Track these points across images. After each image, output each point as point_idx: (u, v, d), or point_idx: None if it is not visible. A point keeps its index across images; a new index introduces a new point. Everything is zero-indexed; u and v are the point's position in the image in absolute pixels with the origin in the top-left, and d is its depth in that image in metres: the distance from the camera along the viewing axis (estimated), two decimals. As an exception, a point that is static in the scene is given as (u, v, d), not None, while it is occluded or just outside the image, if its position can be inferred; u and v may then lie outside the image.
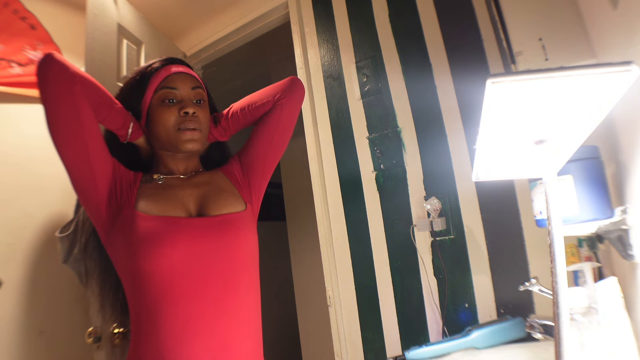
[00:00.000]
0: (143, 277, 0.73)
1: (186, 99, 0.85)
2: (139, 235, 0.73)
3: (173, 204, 0.80)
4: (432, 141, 1.41)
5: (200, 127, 0.84)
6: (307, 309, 2.64)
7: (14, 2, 1.64)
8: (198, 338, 0.72)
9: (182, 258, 0.74)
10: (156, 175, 0.85)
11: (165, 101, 0.84)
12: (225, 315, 0.75)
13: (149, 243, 0.73)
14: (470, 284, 1.29)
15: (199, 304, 0.73)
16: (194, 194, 0.84)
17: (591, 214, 0.68)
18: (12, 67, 1.60)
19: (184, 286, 0.73)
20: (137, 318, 0.75)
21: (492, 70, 1.30)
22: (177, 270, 0.73)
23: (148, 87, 0.85)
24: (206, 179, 0.89)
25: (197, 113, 0.84)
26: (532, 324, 0.89)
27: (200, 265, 0.75)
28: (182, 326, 0.71)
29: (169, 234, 0.75)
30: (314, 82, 1.74)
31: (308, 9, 1.79)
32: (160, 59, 0.90)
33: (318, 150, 1.69)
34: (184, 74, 0.87)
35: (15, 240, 1.53)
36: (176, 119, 0.83)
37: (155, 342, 0.71)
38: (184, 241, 0.75)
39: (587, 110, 0.49)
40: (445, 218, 1.34)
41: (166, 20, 2.05)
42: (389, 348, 1.44)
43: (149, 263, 0.72)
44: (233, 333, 0.75)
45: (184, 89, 0.85)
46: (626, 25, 0.61)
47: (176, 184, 0.86)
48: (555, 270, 0.50)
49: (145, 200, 0.79)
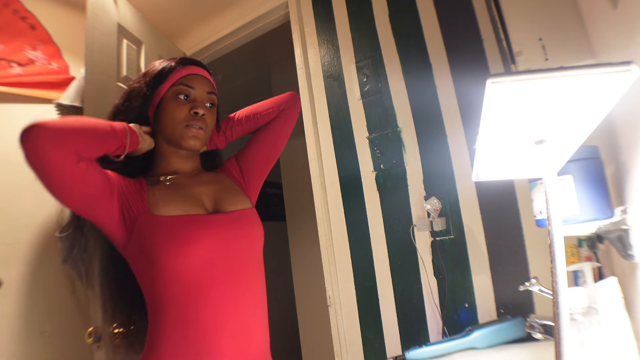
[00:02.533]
0: (171, 275, 0.75)
1: (199, 100, 0.88)
2: (165, 237, 0.76)
3: (191, 203, 0.83)
4: (432, 141, 1.41)
5: (205, 129, 0.87)
6: (307, 309, 2.64)
7: (14, 2, 1.64)
8: (226, 328, 0.76)
9: (207, 253, 0.77)
10: (162, 177, 0.87)
11: (179, 96, 0.87)
12: (244, 305, 0.79)
13: (176, 242, 0.75)
14: (470, 284, 1.29)
15: (224, 295, 0.77)
16: (206, 192, 0.87)
17: (591, 214, 0.68)
18: (12, 67, 1.60)
19: (210, 279, 0.77)
20: (161, 314, 0.76)
21: (492, 70, 1.30)
22: (204, 265, 0.77)
23: (167, 78, 0.88)
24: (211, 178, 0.93)
25: (206, 115, 0.87)
26: (532, 324, 0.89)
27: (223, 259, 0.79)
28: (213, 317, 0.75)
29: (194, 231, 0.78)
30: (314, 82, 1.74)
31: (308, 9, 1.79)
32: (183, 58, 0.92)
33: (318, 150, 1.69)
34: (203, 77, 0.91)
35: (15, 240, 1.53)
36: (186, 116, 0.86)
37: (185, 334, 0.74)
38: (208, 237, 0.78)
39: (587, 110, 0.49)
40: (445, 218, 1.34)
41: (166, 20, 2.05)
42: (389, 348, 1.44)
43: (178, 261, 0.75)
44: (252, 322, 0.80)
45: (200, 91, 0.89)
46: (626, 25, 0.61)
47: (185, 182, 0.88)
48: (555, 270, 0.50)
49: (162, 203, 0.80)
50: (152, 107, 0.89)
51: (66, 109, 1.46)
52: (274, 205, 3.40)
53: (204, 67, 0.94)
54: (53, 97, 1.62)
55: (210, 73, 0.95)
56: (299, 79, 1.78)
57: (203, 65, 0.95)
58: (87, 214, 0.77)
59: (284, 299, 2.95)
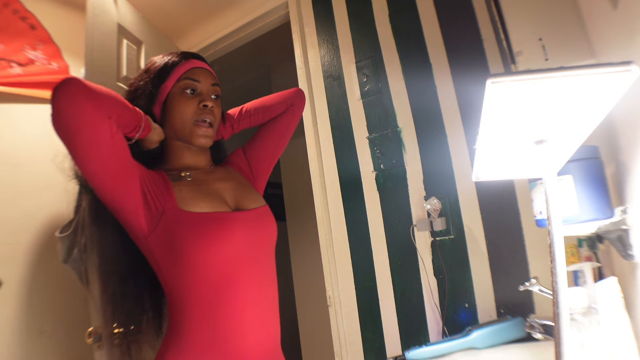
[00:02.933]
0: (201, 270, 0.77)
1: (206, 93, 0.89)
2: (197, 233, 0.77)
3: (217, 200, 0.84)
4: (432, 141, 1.41)
5: (214, 122, 0.89)
6: (307, 309, 2.64)
7: (14, 2, 1.64)
8: (251, 322, 0.79)
9: (236, 248, 0.80)
10: (183, 173, 0.87)
11: (186, 91, 0.87)
12: (266, 300, 0.83)
13: (208, 237, 0.77)
14: (470, 283, 1.29)
15: (249, 291, 0.80)
16: (226, 188, 0.89)
17: (591, 214, 0.68)
18: (12, 67, 1.60)
19: (237, 274, 0.79)
20: (187, 305, 0.78)
21: (492, 70, 1.30)
22: (232, 261, 0.79)
23: (171, 75, 0.88)
24: (226, 174, 0.94)
25: (213, 107, 0.88)
26: (532, 324, 0.89)
27: (248, 255, 0.82)
28: (239, 311, 0.78)
29: (224, 227, 0.80)
30: (314, 82, 1.74)
31: (308, 9, 1.79)
32: (182, 52, 0.92)
33: (318, 150, 1.69)
34: (206, 70, 0.92)
35: (15, 240, 1.53)
36: (195, 111, 0.86)
37: (213, 328, 0.77)
38: (237, 233, 0.81)
39: (587, 110, 0.49)
40: (445, 218, 1.34)
41: (166, 20, 2.05)
42: (389, 348, 1.44)
43: (210, 256, 0.77)
44: (271, 317, 0.83)
45: (205, 84, 0.89)
46: (626, 25, 0.61)
47: (204, 179, 0.89)
48: (555, 270, 0.50)
49: (189, 198, 0.81)
50: (158, 104, 0.89)
51: (66, 109, 1.46)
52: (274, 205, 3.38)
53: (204, 60, 0.95)
54: (53, 97, 1.62)
55: (209, 65, 0.96)
56: (299, 79, 1.78)
57: (203, 58, 0.95)
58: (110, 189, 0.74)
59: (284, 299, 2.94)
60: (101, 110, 0.67)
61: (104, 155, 0.70)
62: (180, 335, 0.78)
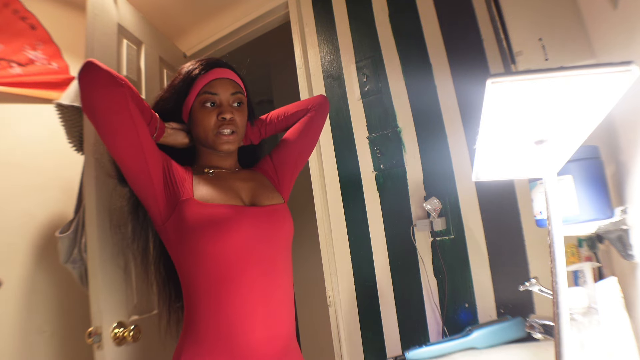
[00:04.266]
0: (208, 258, 0.80)
1: (225, 104, 0.92)
2: (206, 221, 0.80)
3: (232, 195, 0.88)
4: (432, 141, 1.41)
5: (237, 130, 0.92)
6: (307, 309, 2.64)
7: (14, 2, 1.64)
8: (257, 311, 0.81)
9: (244, 241, 0.83)
10: (206, 170, 0.93)
11: (206, 105, 0.91)
12: (274, 292, 0.85)
13: (217, 228, 0.80)
14: (470, 284, 1.29)
15: (256, 281, 0.83)
16: (245, 187, 0.93)
17: (591, 214, 0.68)
18: (12, 67, 1.60)
19: (245, 264, 0.82)
20: (197, 296, 0.82)
21: (492, 70, 1.30)
22: (240, 251, 0.82)
23: (192, 89, 0.92)
24: (249, 176, 0.99)
25: (234, 117, 0.91)
26: (532, 324, 0.89)
27: (257, 247, 0.84)
28: (245, 301, 0.80)
29: (233, 219, 0.83)
30: (314, 82, 1.74)
31: (308, 9, 1.79)
32: (206, 61, 0.95)
33: (318, 150, 1.69)
34: (226, 80, 0.94)
35: (15, 240, 1.53)
36: (215, 123, 0.90)
37: (223, 316, 0.80)
38: (246, 226, 0.84)
39: (587, 110, 0.49)
40: (445, 218, 1.34)
41: (166, 20, 2.05)
42: (389, 348, 1.44)
43: (216, 245, 0.80)
44: (280, 308, 0.85)
45: (224, 95, 0.92)
46: (626, 25, 0.61)
47: (226, 176, 0.94)
48: (555, 270, 0.50)
49: (205, 190, 0.86)
50: (185, 115, 0.95)
51: (66, 109, 1.46)
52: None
53: (227, 66, 0.97)
54: (53, 97, 1.62)
55: (234, 69, 0.98)
56: (299, 79, 1.78)
57: (225, 64, 0.97)
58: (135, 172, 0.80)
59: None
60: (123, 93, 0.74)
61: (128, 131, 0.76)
62: (192, 327, 0.82)
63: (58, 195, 1.65)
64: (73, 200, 1.51)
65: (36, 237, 1.59)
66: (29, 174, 1.60)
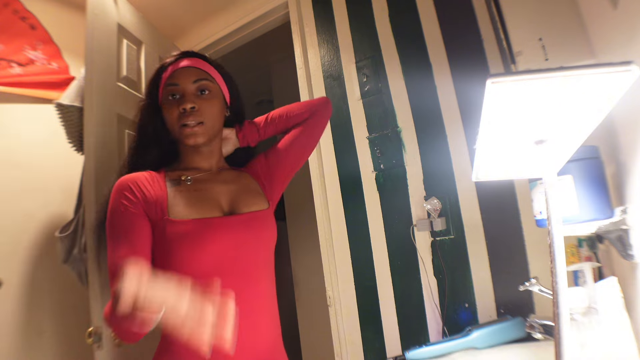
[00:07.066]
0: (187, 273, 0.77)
1: (187, 94, 0.86)
2: (180, 239, 0.78)
3: (209, 205, 0.84)
4: (432, 141, 1.41)
5: (203, 120, 0.85)
6: (307, 309, 2.64)
7: (14, 2, 1.64)
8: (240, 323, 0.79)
9: (221, 252, 0.81)
10: (184, 177, 0.87)
11: (169, 97, 0.86)
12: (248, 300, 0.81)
13: (192, 245, 0.79)
14: (470, 284, 1.29)
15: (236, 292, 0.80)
16: (225, 192, 0.89)
17: (591, 214, 0.68)
18: (12, 67, 1.60)
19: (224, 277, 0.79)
20: None
21: (492, 70, 1.30)
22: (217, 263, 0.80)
23: (160, 84, 0.88)
24: (233, 177, 0.94)
25: (197, 107, 0.85)
26: (532, 324, 0.89)
27: (230, 257, 0.82)
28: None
29: (207, 233, 0.80)
30: (314, 82, 1.74)
31: (308, 9, 1.79)
32: (175, 52, 0.92)
33: (318, 150, 1.69)
34: (188, 68, 0.88)
35: (16, 240, 1.53)
36: (178, 115, 0.84)
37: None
38: (219, 239, 0.81)
39: (587, 110, 0.49)
40: (445, 218, 1.34)
41: (166, 20, 2.05)
42: (389, 348, 1.44)
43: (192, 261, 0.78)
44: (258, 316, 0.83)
45: (185, 84, 0.86)
46: (626, 25, 0.61)
47: (206, 179, 0.89)
48: (555, 270, 0.50)
49: (181, 205, 0.82)
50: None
51: (66, 109, 1.46)
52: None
53: (194, 55, 0.92)
54: (53, 97, 1.62)
55: (204, 57, 0.93)
56: (299, 79, 1.78)
57: (192, 53, 0.92)
58: None
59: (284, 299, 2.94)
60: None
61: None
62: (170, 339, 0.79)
63: (58, 195, 1.65)
64: (73, 200, 1.51)
65: (36, 237, 1.59)
66: (29, 174, 1.60)
